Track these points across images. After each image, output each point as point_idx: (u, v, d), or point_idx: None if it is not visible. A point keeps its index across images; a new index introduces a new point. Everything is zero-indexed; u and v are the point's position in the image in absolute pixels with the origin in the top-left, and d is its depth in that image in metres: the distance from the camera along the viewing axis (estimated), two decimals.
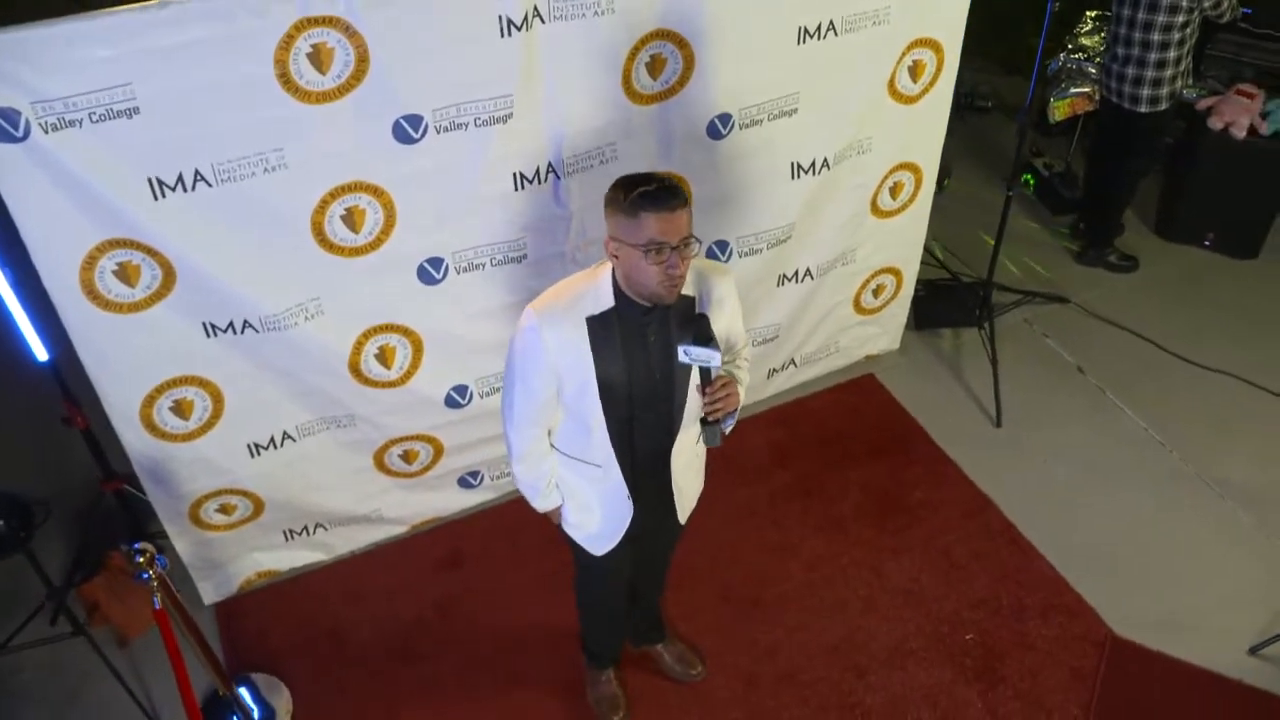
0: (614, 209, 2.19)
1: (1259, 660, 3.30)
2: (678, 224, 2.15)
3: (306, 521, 3.50)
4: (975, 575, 3.60)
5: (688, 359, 2.26)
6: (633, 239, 2.16)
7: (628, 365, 2.34)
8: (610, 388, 2.35)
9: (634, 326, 2.32)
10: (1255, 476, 3.91)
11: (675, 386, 2.44)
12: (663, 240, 2.14)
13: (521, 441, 2.49)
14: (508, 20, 2.70)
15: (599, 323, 2.29)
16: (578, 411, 2.42)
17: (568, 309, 2.30)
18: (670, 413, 2.48)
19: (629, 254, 2.19)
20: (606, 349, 2.31)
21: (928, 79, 3.54)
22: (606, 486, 2.56)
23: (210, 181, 2.60)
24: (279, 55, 2.49)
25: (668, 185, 2.15)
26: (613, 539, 2.67)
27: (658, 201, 2.12)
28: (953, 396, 4.30)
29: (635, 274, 2.21)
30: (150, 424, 2.95)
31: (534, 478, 2.57)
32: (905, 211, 3.93)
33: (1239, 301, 4.75)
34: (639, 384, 2.38)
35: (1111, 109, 4.49)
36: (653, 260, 2.16)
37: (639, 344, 2.34)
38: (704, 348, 2.24)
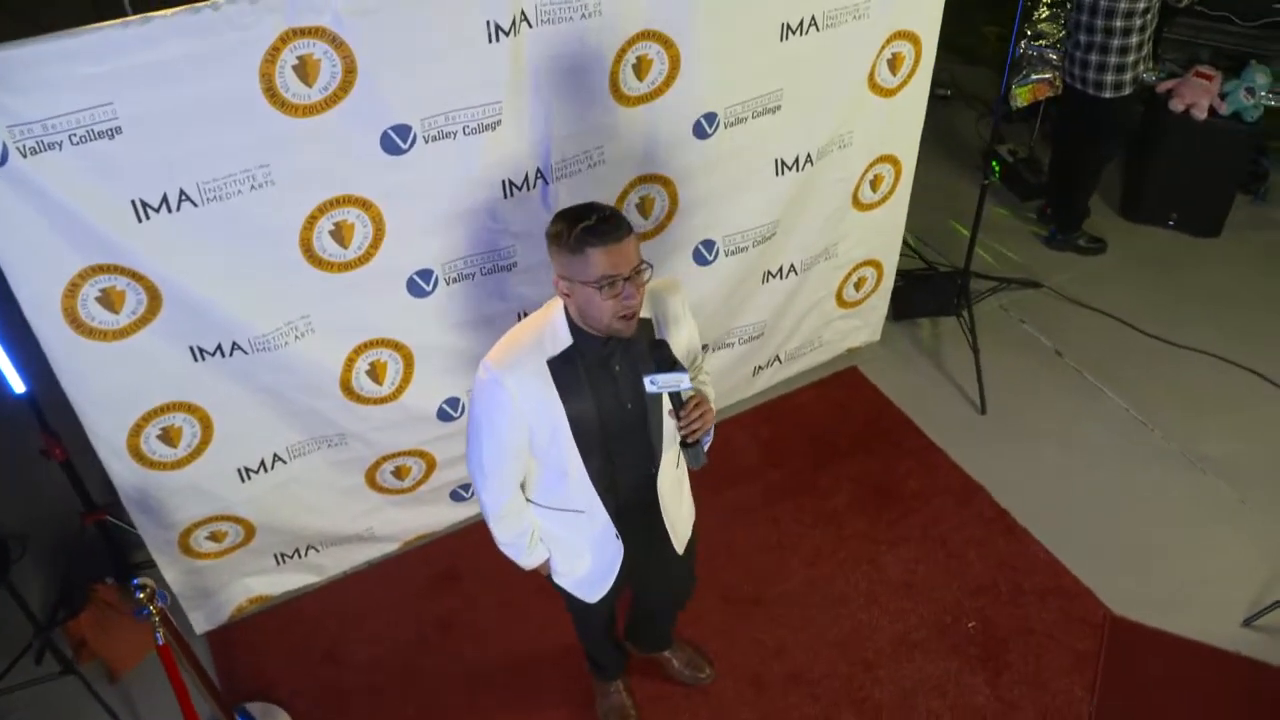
0: (558, 247, 2.11)
1: (1253, 631, 3.36)
2: (626, 254, 2.09)
3: (298, 544, 3.42)
4: (972, 563, 3.62)
5: (655, 388, 2.19)
6: (583, 276, 2.09)
7: (597, 401, 2.28)
8: (583, 427, 2.29)
9: (597, 360, 2.26)
10: (1235, 451, 3.99)
11: (649, 412, 2.38)
12: (614, 273, 2.08)
13: (496, 500, 2.41)
14: (495, 25, 2.65)
15: (561, 363, 2.22)
16: (551, 459, 2.35)
17: (526, 355, 2.23)
18: (648, 440, 2.42)
19: (581, 291, 2.12)
20: (573, 389, 2.24)
21: (906, 71, 3.55)
22: (593, 531, 2.50)
23: (196, 201, 2.52)
24: (264, 69, 2.42)
25: (608, 216, 2.09)
26: (604, 584, 2.60)
27: (603, 235, 2.06)
28: (936, 385, 4.33)
29: (590, 310, 2.14)
30: (138, 453, 2.86)
31: (515, 535, 2.50)
32: (885, 204, 3.94)
33: (1205, 279, 4.84)
34: (612, 418, 2.32)
35: (1076, 96, 4.54)
36: (607, 295, 2.09)
37: (605, 377, 2.28)
38: (670, 373, 2.18)
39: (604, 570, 2.58)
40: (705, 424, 2.25)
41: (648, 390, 2.21)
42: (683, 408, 2.21)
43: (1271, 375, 4.28)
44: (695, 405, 2.22)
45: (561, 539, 2.54)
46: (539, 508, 2.50)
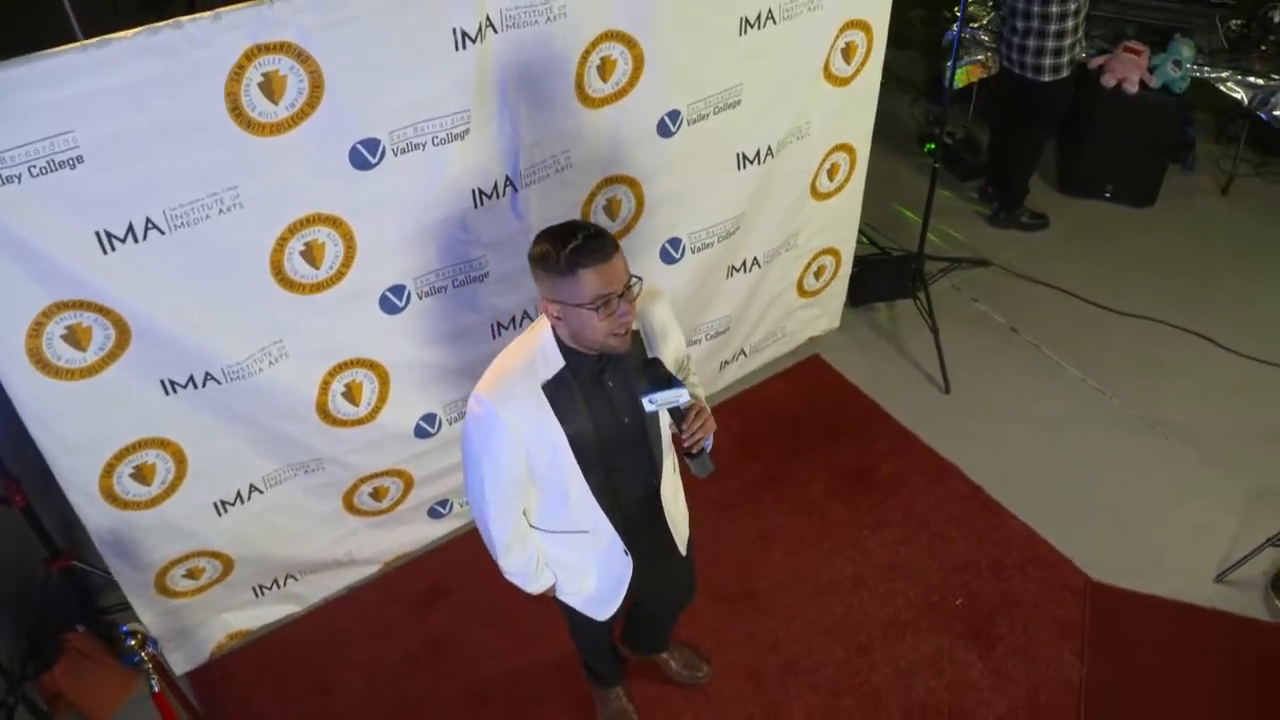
0: (546, 271, 2.06)
1: (1226, 586, 3.47)
2: (617, 271, 2.06)
3: (276, 574, 3.32)
4: (953, 540, 3.67)
5: (654, 407, 2.17)
6: (576, 299, 2.05)
7: (594, 419, 2.25)
8: (583, 446, 2.25)
9: (590, 378, 2.23)
10: (1190, 413, 4.11)
11: (648, 424, 2.36)
12: (608, 292, 2.04)
13: (503, 531, 2.36)
14: (462, 33, 2.60)
15: (555, 386, 2.18)
16: (552, 482, 2.32)
17: (519, 383, 2.18)
18: (649, 451, 2.40)
19: (574, 314, 2.07)
20: (570, 410, 2.21)
21: (859, 60, 3.58)
22: (599, 549, 2.48)
23: (163, 229, 2.43)
24: (230, 88, 2.34)
25: (594, 234, 2.05)
26: (615, 601, 2.59)
27: (594, 254, 2.02)
28: (899, 368, 4.38)
29: (585, 331, 2.10)
30: (110, 494, 2.74)
31: (522, 563, 2.46)
32: (842, 192, 3.98)
33: (1144, 248, 4.98)
34: (610, 434, 2.29)
35: (1014, 80, 4.63)
36: (603, 315, 2.06)
37: (600, 394, 2.25)
38: (667, 390, 2.17)
39: (613, 586, 2.56)
40: (707, 432, 2.23)
41: (647, 409, 2.19)
42: (684, 420, 2.19)
43: (1216, 337, 4.43)
44: (696, 414, 2.21)
45: (567, 561, 2.51)
46: (542, 533, 2.47)
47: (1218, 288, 4.71)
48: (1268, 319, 4.52)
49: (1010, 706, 3.17)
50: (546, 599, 2.63)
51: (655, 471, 2.43)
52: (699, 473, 2.24)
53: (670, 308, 2.38)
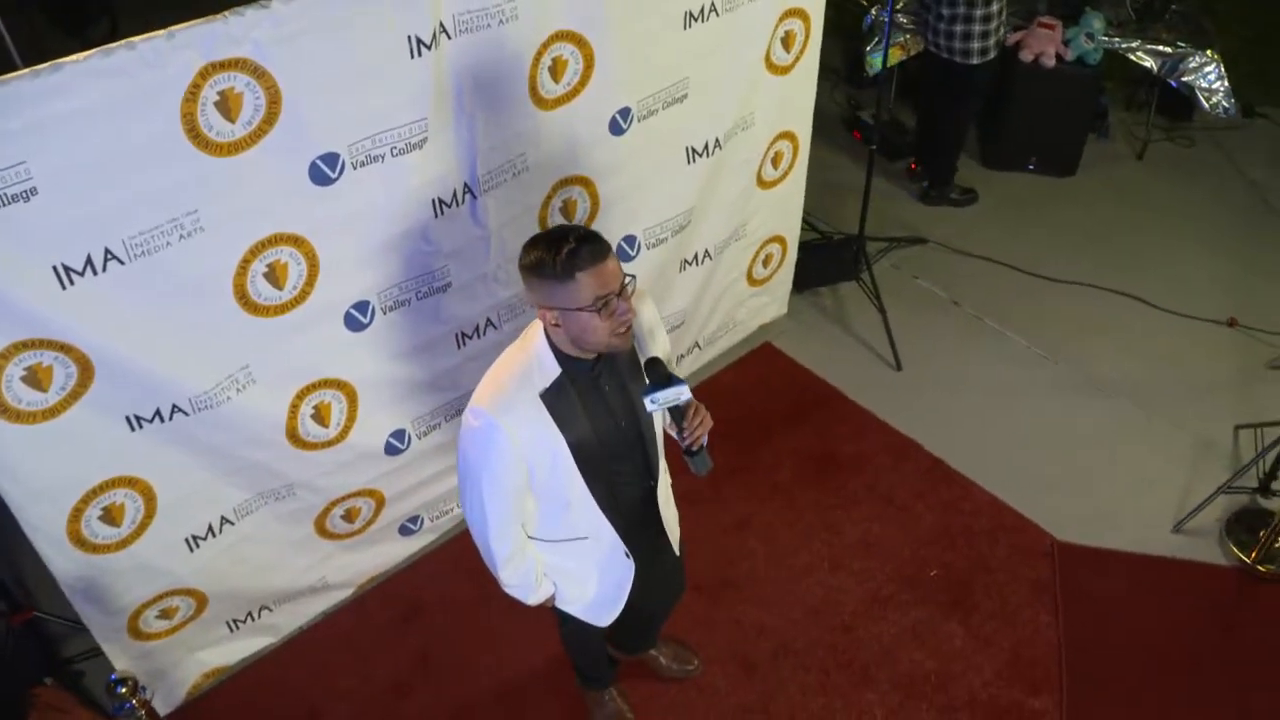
0: (542, 278, 2.04)
1: (1183, 535, 3.61)
2: (613, 270, 2.05)
3: (250, 607, 3.22)
4: (921, 514, 3.75)
5: (656, 406, 2.17)
6: (575, 303, 2.03)
7: (593, 425, 2.23)
8: (584, 453, 2.24)
9: (587, 383, 2.21)
10: (1130, 370, 4.27)
11: (643, 425, 2.36)
12: (607, 293, 2.04)
13: (504, 545, 2.33)
14: (417, 40, 2.55)
15: (553, 394, 2.16)
16: (552, 491, 2.30)
17: (516, 393, 2.15)
18: (646, 453, 2.40)
19: (574, 318, 2.06)
20: (569, 416, 2.19)
21: (798, 48, 3.62)
22: (599, 555, 2.47)
23: (122, 259, 2.33)
24: (185, 108, 2.25)
25: (586, 236, 2.04)
26: (616, 606, 2.58)
27: (590, 256, 2.01)
28: (849, 350, 4.45)
29: (587, 335, 2.08)
30: (79, 539, 2.63)
31: (522, 575, 2.43)
32: (786, 179, 4.02)
33: (1069, 216, 5.15)
34: (610, 439, 2.28)
35: (942, 64, 4.74)
36: (604, 316, 2.05)
37: (597, 398, 2.24)
38: (668, 388, 2.16)
39: (614, 591, 2.55)
40: (705, 428, 2.23)
41: (649, 410, 2.18)
42: (684, 418, 2.19)
43: (1144, 295, 4.60)
44: (695, 412, 2.21)
45: (567, 569, 2.49)
46: (541, 543, 2.44)
47: (1142, 249, 4.89)
48: (1191, 276, 4.71)
49: (995, 670, 3.25)
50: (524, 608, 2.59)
51: (652, 473, 2.43)
52: (699, 470, 2.23)
53: (655, 305, 2.38)
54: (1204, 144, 5.53)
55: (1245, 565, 3.46)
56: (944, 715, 3.14)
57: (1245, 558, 3.46)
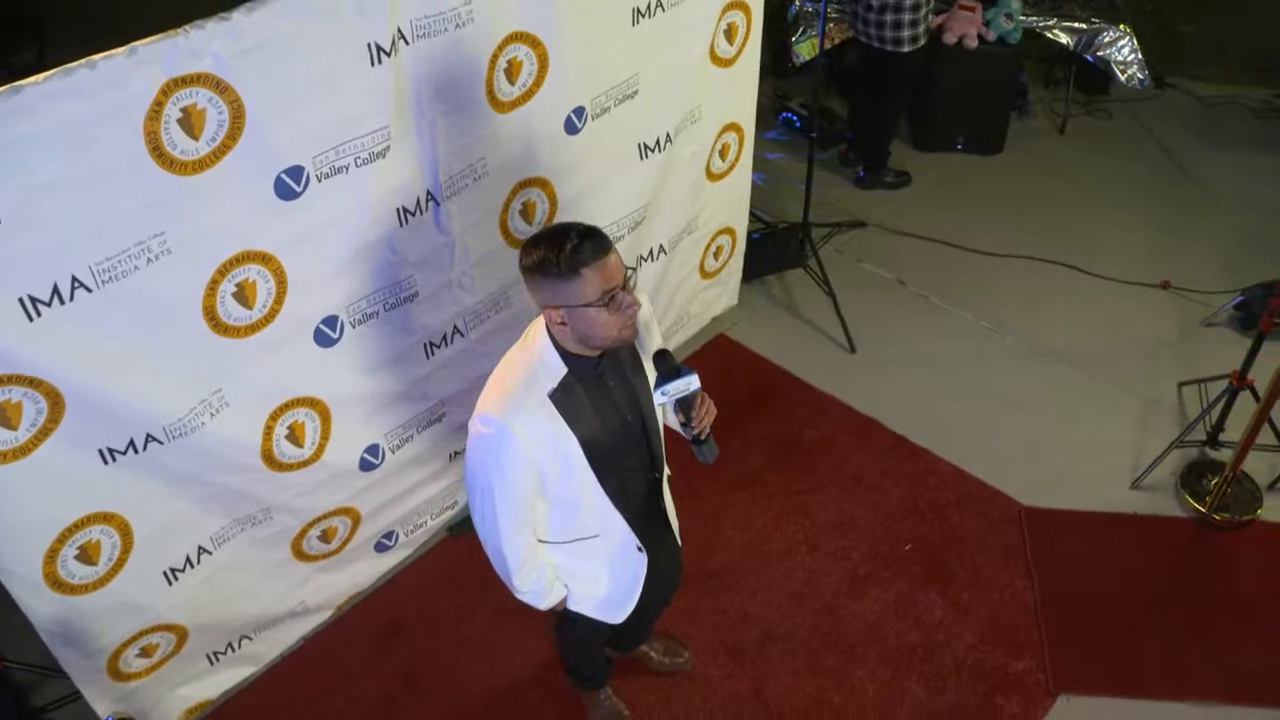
0: (546, 278, 2.04)
1: (1141, 491, 3.75)
2: (616, 263, 2.06)
3: (230, 638, 3.14)
4: (889, 491, 3.82)
5: (667, 398, 2.20)
6: (583, 299, 2.03)
7: (601, 421, 2.24)
8: (595, 450, 2.24)
9: (592, 381, 2.22)
10: (1073, 337, 4.41)
11: (647, 418, 2.37)
12: (613, 287, 2.05)
13: (516, 551, 2.31)
14: (377, 47, 2.51)
15: (561, 394, 2.16)
16: (563, 492, 2.29)
17: (525, 395, 2.15)
18: (650, 446, 2.42)
19: (581, 315, 2.06)
20: (578, 415, 2.19)
21: (741, 40, 3.66)
22: (610, 552, 2.47)
23: (90, 286, 2.25)
24: (149, 126, 2.19)
25: (588, 231, 2.05)
26: (630, 602, 2.59)
27: (594, 251, 2.02)
28: (803, 335, 4.51)
29: (594, 330, 2.09)
30: (56, 581, 2.53)
31: (535, 580, 2.41)
32: (734, 171, 4.06)
33: (1000, 192, 5.29)
34: (616, 434, 2.29)
35: (874, 54, 4.83)
36: (612, 311, 2.06)
37: (602, 395, 2.25)
38: (678, 379, 2.19)
39: (629, 586, 2.55)
40: (712, 416, 2.27)
41: (659, 402, 2.20)
42: (693, 408, 2.21)
43: (1079, 264, 4.75)
44: (701, 401, 2.23)
45: (578, 570, 2.48)
46: (551, 546, 2.43)
47: (1072, 220, 5.06)
48: (1121, 242, 4.88)
49: (977, 635, 3.33)
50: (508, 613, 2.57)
51: (657, 466, 2.44)
52: (708, 458, 2.26)
53: (648, 298, 2.39)
54: (1121, 115, 5.74)
55: (1202, 515, 3.61)
56: (933, 684, 3.21)
57: (1201, 508, 3.61)
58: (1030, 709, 3.13)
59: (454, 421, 3.42)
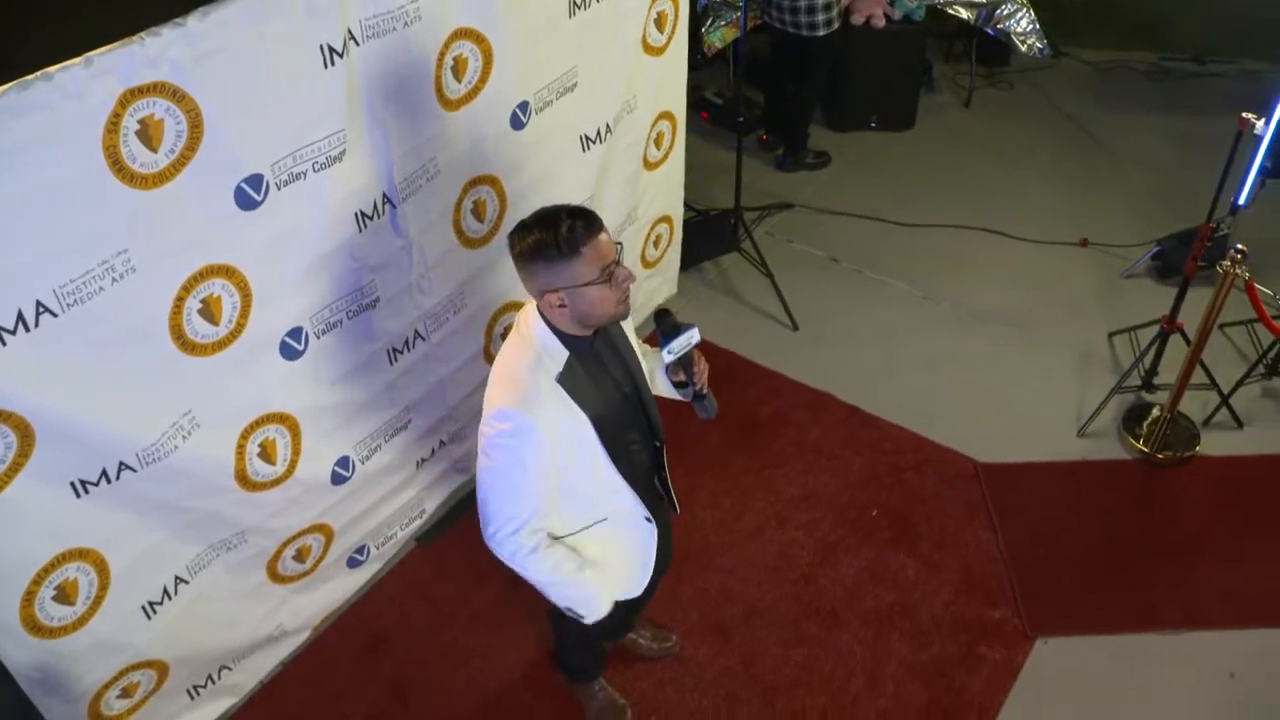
0: (545, 261, 2.05)
1: (1087, 439, 3.91)
2: (608, 238, 2.10)
3: (210, 669, 3.03)
4: (848, 460, 3.90)
5: (673, 356, 2.24)
6: (584, 277, 2.06)
7: (605, 397, 2.26)
8: (605, 427, 2.25)
9: (591, 359, 2.24)
10: (1003, 297, 4.58)
11: (642, 388, 2.40)
12: (610, 262, 2.08)
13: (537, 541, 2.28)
14: (329, 49, 2.46)
15: (566, 376, 2.18)
16: (575, 474, 2.29)
17: (536, 384, 2.15)
18: (649, 415, 2.44)
19: (582, 294, 2.08)
20: (585, 395, 2.21)
21: (670, 28, 3.70)
22: (621, 529, 2.48)
23: (55, 311, 2.15)
24: (107, 140, 2.10)
25: (576, 211, 2.08)
26: (646, 571, 2.61)
27: (588, 229, 2.05)
28: (745, 318, 4.57)
29: (596, 307, 2.11)
30: (34, 625, 2.41)
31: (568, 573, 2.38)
32: (668, 159, 4.10)
33: (915, 165, 5.47)
34: (619, 407, 2.32)
35: (789, 39, 4.93)
36: (613, 284, 2.09)
37: (602, 372, 2.27)
38: (679, 336, 2.24)
39: (642, 556, 2.58)
40: (707, 370, 2.33)
41: (666, 361, 2.24)
42: (693, 364, 2.25)
43: (1000, 228, 4.94)
44: (698, 358, 2.28)
45: (589, 558, 2.47)
46: (564, 539, 2.42)
47: (988, 187, 5.25)
48: (1036, 205, 5.09)
49: (952, 590, 3.43)
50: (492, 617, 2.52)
51: (656, 434, 2.48)
52: (710, 413, 2.33)
53: None
54: (1021, 85, 5.98)
55: (1146, 455, 3.78)
56: (917, 640, 3.30)
57: (1144, 449, 3.78)
58: (1011, 654, 3.24)
59: (419, 428, 3.38)
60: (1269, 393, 4.03)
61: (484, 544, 3.55)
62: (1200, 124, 5.58)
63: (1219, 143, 3.42)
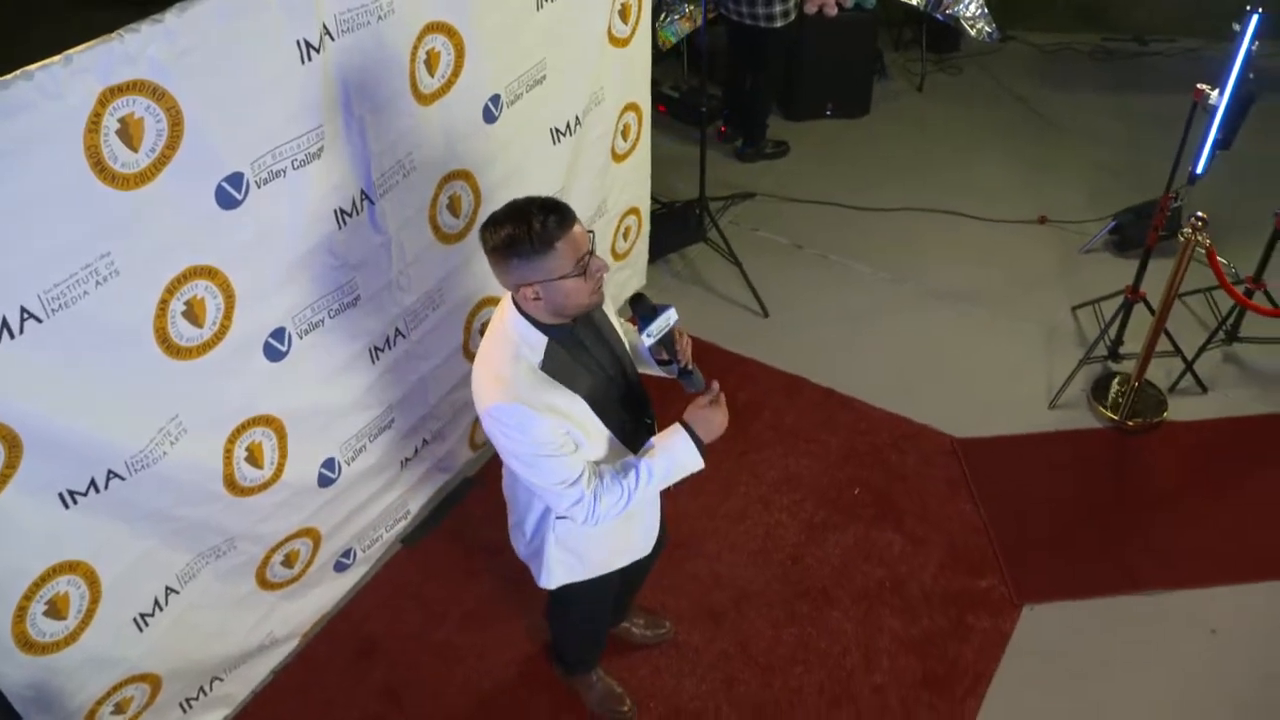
0: (518, 256, 2.05)
1: (1059, 410, 4.00)
2: (582, 230, 2.11)
3: (202, 681, 2.98)
4: (827, 441, 3.94)
5: (654, 339, 2.25)
6: (560, 270, 2.06)
7: (590, 378, 2.27)
8: (599, 404, 2.26)
9: (572, 344, 2.24)
10: (966, 277, 4.66)
11: (627, 368, 2.41)
12: (584, 253, 2.10)
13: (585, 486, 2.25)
14: (306, 43, 2.44)
15: (550, 363, 2.18)
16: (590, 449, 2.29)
17: (521, 375, 2.16)
18: (636, 394, 2.45)
19: (557, 287, 2.08)
20: (572, 376, 2.21)
21: (634, 20, 3.71)
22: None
23: (40, 316, 2.10)
24: (89, 140, 2.06)
25: (549, 204, 2.09)
26: (652, 530, 2.67)
27: (561, 222, 2.06)
28: (715, 306, 4.60)
29: (570, 300, 2.12)
30: (26, 641, 2.35)
31: (645, 482, 2.30)
32: (635, 150, 4.11)
33: (873, 151, 5.54)
34: (606, 388, 2.32)
35: (746, 31, 4.96)
36: (588, 275, 2.10)
37: (585, 355, 2.28)
38: (657, 318, 2.25)
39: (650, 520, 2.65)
40: (690, 344, 2.36)
41: (646, 343, 2.24)
42: (675, 342, 2.27)
43: (960, 209, 5.02)
44: (680, 334, 2.30)
45: (594, 532, 2.46)
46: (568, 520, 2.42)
47: (944, 169, 5.34)
48: (993, 186, 5.19)
49: (938, 563, 3.48)
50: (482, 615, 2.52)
51: (646, 412, 2.49)
52: (697, 386, 2.35)
53: None
54: (971, 69, 6.09)
55: (1116, 423, 3.87)
56: (907, 614, 3.34)
57: (1114, 417, 3.87)
58: (999, 622, 3.30)
59: (402, 427, 3.35)
60: (1230, 357, 4.15)
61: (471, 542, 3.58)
62: (1145, 101, 5.73)
63: (1165, 119, 3.52)
